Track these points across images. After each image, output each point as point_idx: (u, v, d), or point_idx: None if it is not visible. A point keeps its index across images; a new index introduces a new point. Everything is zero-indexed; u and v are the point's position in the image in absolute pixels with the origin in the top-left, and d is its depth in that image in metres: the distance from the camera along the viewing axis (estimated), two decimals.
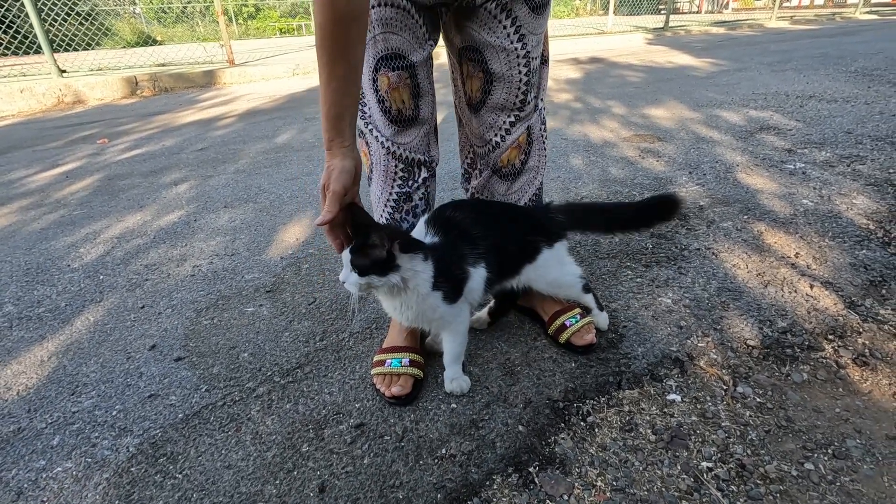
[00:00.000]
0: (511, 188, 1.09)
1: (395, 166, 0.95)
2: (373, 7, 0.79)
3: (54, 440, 0.90)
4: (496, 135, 1.00)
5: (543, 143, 1.08)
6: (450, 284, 0.86)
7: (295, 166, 2.35)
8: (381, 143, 0.92)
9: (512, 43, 0.90)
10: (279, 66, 5.48)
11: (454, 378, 0.95)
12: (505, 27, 0.88)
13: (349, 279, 0.79)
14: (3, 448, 0.89)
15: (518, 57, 0.91)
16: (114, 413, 0.95)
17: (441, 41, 0.97)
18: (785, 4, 12.97)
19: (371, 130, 0.94)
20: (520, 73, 0.93)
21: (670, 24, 8.12)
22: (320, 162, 2.39)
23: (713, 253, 1.37)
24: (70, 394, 1.01)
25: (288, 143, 2.77)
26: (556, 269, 1.00)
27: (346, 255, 0.79)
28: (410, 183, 0.98)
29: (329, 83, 0.70)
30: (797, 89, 3.22)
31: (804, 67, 4.01)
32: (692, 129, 2.52)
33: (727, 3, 14.33)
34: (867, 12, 10.46)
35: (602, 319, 1.08)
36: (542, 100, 1.06)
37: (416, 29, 0.85)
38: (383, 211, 1.01)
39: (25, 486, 0.82)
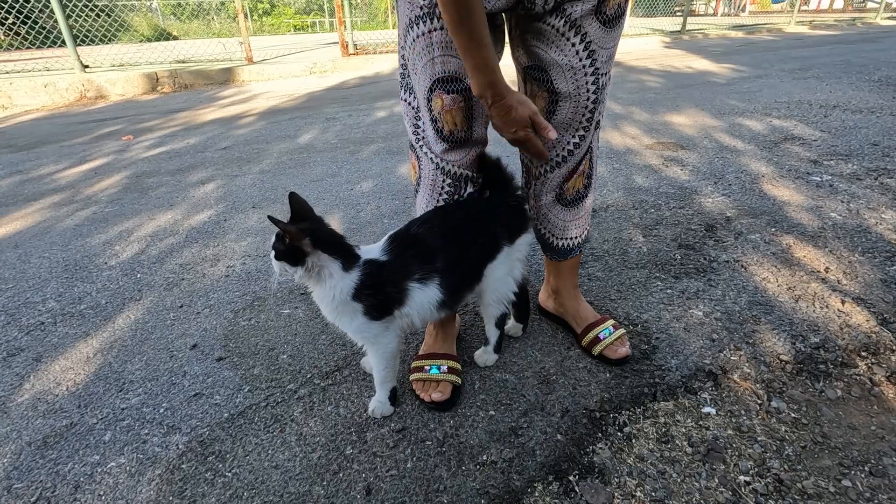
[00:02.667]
0: (578, 214, 1.07)
1: (443, 181, 0.95)
2: (434, 31, 0.80)
3: (106, 436, 0.93)
4: (557, 154, 0.98)
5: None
6: (376, 300, 0.83)
7: (319, 168, 2.38)
8: (431, 158, 0.94)
9: (581, 60, 0.87)
10: (296, 65, 5.52)
11: (375, 405, 0.95)
12: (574, 45, 0.85)
13: (271, 256, 0.84)
14: (58, 442, 0.92)
15: (586, 75, 0.89)
16: (161, 411, 0.99)
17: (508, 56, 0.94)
18: (803, 8, 12.82)
19: (422, 147, 0.95)
20: (587, 90, 0.90)
21: (687, 27, 8.06)
22: (343, 164, 2.42)
23: (742, 266, 1.38)
24: (118, 391, 1.04)
25: (311, 143, 2.80)
26: (502, 270, 0.95)
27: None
28: (456, 197, 0.98)
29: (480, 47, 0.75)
30: (820, 98, 3.20)
31: (826, 75, 3.98)
32: (715, 138, 2.52)
33: (744, 6, 14.19)
34: (888, 18, 10.31)
35: (490, 358, 1.06)
36: (601, 114, 1.05)
37: None
38: None
39: (82, 479, 0.85)
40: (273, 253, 0.83)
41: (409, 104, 0.93)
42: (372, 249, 0.88)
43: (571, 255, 1.10)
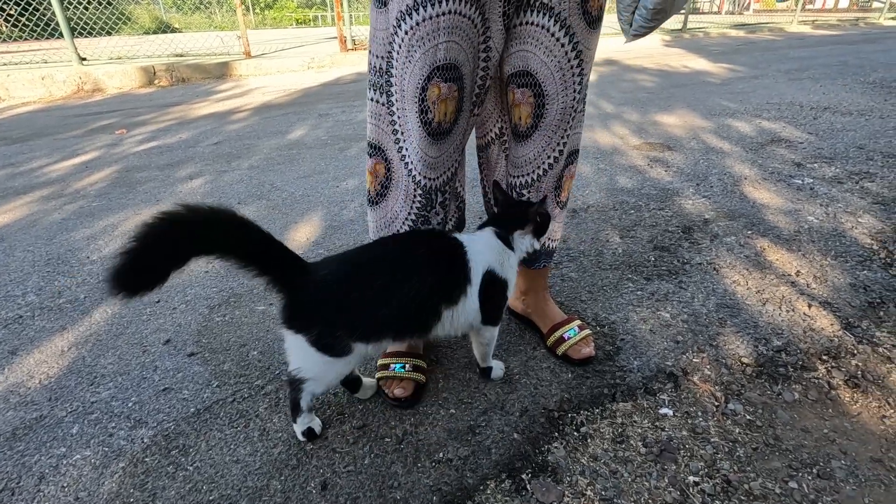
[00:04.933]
0: (562, 217, 1.12)
1: (415, 191, 0.95)
2: (442, 14, 0.78)
3: (74, 429, 0.95)
4: (549, 157, 0.98)
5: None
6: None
7: (307, 164, 2.40)
8: (409, 171, 0.93)
9: (570, 61, 0.88)
10: (294, 60, 5.53)
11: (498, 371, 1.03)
12: (563, 45, 0.86)
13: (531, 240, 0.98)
14: (26, 434, 0.94)
15: (574, 75, 0.90)
16: (130, 405, 1.01)
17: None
18: (808, 7, 12.73)
19: (402, 157, 0.94)
20: (574, 90, 0.91)
21: (689, 25, 8.02)
22: (332, 161, 2.43)
23: (714, 268, 1.39)
24: (89, 384, 1.06)
25: (301, 139, 2.81)
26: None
27: None
28: (428, 207, 0.98)
29: None
30: (812, 100, 3.19)
31: (822, 76, 3.97)
32: (702, 139, 2.52)
33: (748, 5, 14.09)
34: (891, 18, 10.24)
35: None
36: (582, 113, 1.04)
37: (474, 38, 0.83)
38: (402, 227, 1.01)
39: (47, 471, 0.87)
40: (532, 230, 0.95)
41: (381, 104, 0.93)
42: None
43: (547, 263, 1.13)
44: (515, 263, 0.96)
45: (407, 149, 0.93)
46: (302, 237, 1.67)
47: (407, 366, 1.00)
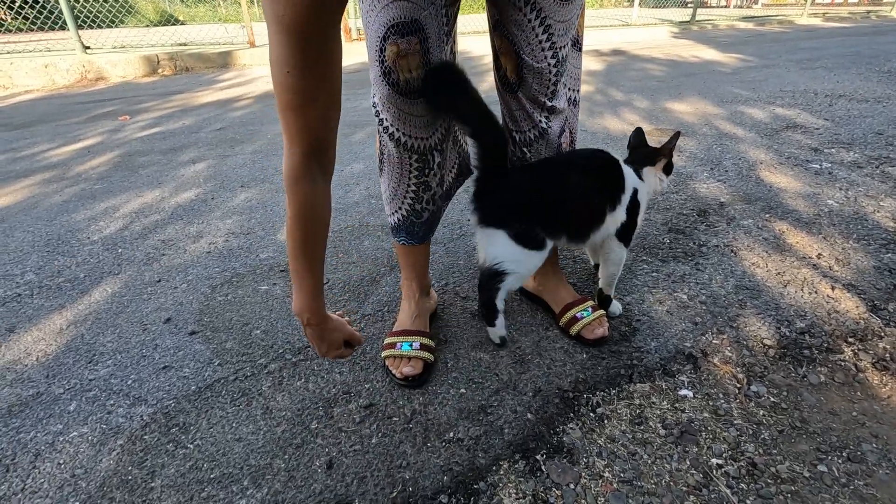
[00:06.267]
0: None
1: (409, 157, 0.91)
2: None
3: (71, 406, 0.92)
4: (535, 127, 0.94)
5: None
6: None
7: None
8: (391, 134, 0.88)
9: (537, 37, 0.85)
10: None
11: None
12: (530, 21, 0.83)
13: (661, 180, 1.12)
14: (22, 411, 0.91)
15: (544, 49, 0.86)
16: (129, 382, 0.97)
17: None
18: (817, 1, 12.56)
19: (381, 120, 0.89)
20: (549, 64, 0.88)
21: (697, 17, 7.92)
22: (337, 145, 2.38)
23: (732, 250, 1.34)
24: (87, 362, 1.03)
25: None
26: None
27: None
28: (426, 171, 0.94)
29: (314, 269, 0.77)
30: (826, 88, 3.12)
31: (835, 66, 3.89)
32: (715, 125, 2.46)
33: None
34: None
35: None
36: (577, 91, 1.01)
37: None
38: (402, 203, 0.97)
39: (42, 448, 0.84)
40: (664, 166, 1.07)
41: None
42: None
43: None
44: (646, 196, 1.07)
45: (387, 118, 0.88)
46: None
47: (415, 344, 0.97)
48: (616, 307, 1.12)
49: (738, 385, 0.93)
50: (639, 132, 1.15)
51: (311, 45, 0.64)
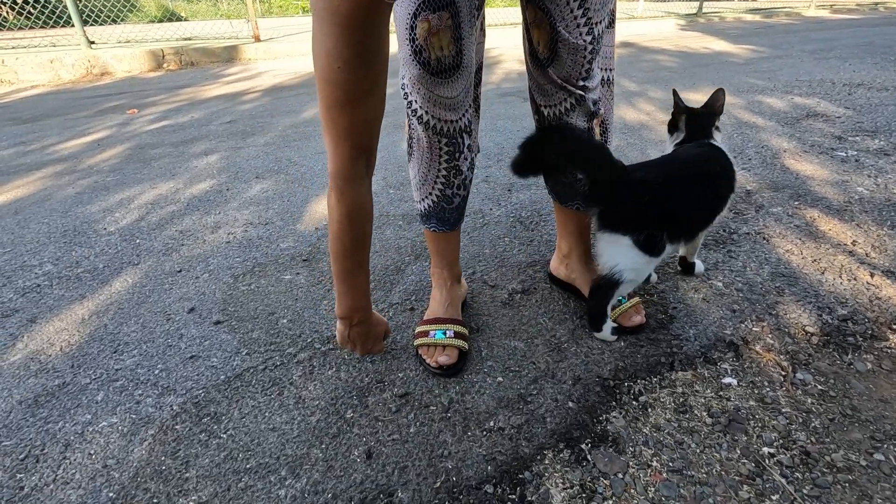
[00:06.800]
0: None
1: (439, 141, 0.88)
2: None
3: (98, 395, 0.90)
4: (565, 101, 0.90)
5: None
6: None
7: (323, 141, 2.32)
8: (420, 117, 0.85)
9: (572, 11, 0.81)
10: (304, 44, 5.43)
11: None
12: (569, 2, 0.80)
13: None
14: (49, 401, 0.89)
15: (579, 26, 0.83)
16: (156, 372, 0.95)
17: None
18: None
19: (410, 103, 0.86)
20: (584, 41, 0.84)
21: (703, 10, 7.85)
22: None
23: (764, 238, 1.31)
24: (112, 352, 1.01)
25: (315, 118, 2.74)
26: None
27: None
28: (457, 154, 0.92)
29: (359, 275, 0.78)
30: (843, 77, 3.08)
31: (849, 56, 3.84)
32: (734, 114, 2.43)
33: None
34: None
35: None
36: (611, 71, 0.97)
37: None
38: (432, 188, 0.94)
39: (72, 438, 0.82)
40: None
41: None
42: None
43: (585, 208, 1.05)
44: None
45: (417, 100, 0.85)
46: (324, 210, 1.61)
47: (448, 332, 0.94)
48: (700, 267, 1.16)
49: (783, 373, 0.90)
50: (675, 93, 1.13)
51: (364, 38, 0.61)
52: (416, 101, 0.85)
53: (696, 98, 2.77)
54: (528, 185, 1.72)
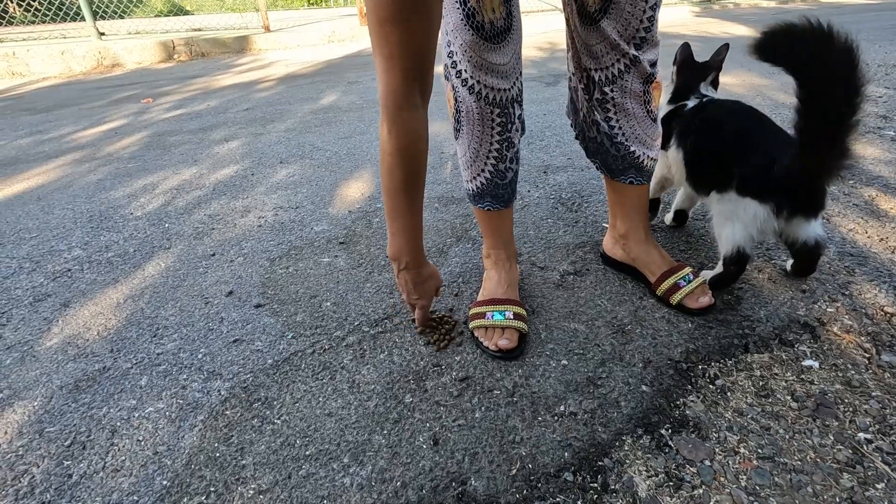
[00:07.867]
0: (658, 132, 0.97)
1: (491, 112, 0.83)
2: None
3: (142, 380, 0.86)
4: (624, 56, 0.84)
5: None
6: None
7: (346, 125, 2.27)
8: (471, 87, 0.80)
9: None
10: (313, 34, 5.37)
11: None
12: None
13: None
14: (91, 386, 0.85)
15: None
16: (199, 356, 0.91)
17: None
18: None
19: (460, 72, 0.80)
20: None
21: None
22: (371, 122, 2.30)
23: (824, 216, 1.25)
24: (151, 336, 0.96)
25: (334, 104, 2.69)
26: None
27: None
28: (509, 126, 0.86)
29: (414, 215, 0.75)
30: (877, 58, 2.98)
31: (877, 38, 3.73)
32: (769, 96, 2.35)
33: None
34: None
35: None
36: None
37: None
38: (485, 164, 0.88)
39: (119, 424, 0.77)
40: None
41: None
42: None
43: (639, 180, 0.98)
44: None
45: (467, 69, 0.80)
46: (356, 193, 1.56)
47: (507, 313, 0.89)
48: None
49: (867, 355, 0.84)
50: (686, 47, 1.14)
51: None
52: (465, 70, 0.80)
53: (726, 81, 2.69)
54: (564, 167, 1.66)
